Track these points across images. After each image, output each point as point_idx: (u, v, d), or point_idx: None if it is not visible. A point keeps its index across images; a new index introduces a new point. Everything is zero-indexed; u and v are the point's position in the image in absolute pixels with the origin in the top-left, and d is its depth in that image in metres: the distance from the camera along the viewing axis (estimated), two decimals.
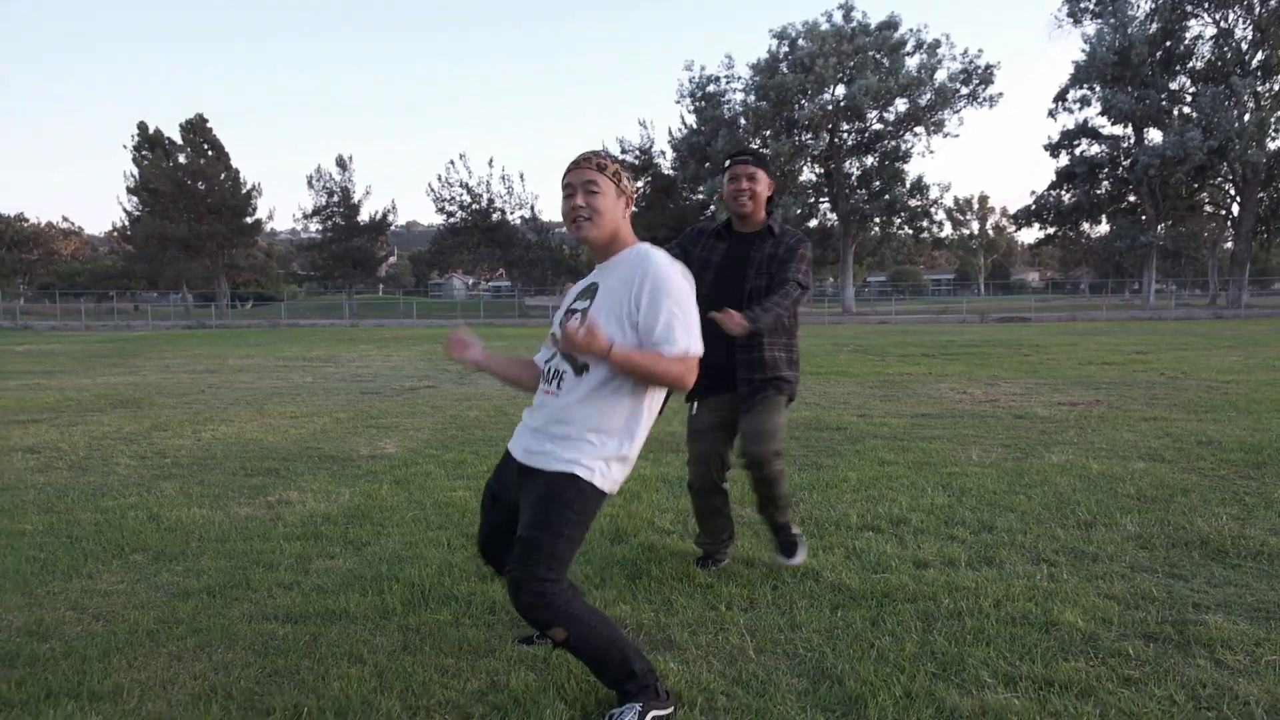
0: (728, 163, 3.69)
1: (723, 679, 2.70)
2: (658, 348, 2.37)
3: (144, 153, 55.16)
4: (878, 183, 46.81)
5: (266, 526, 4.53)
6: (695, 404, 3.68)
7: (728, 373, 3.57)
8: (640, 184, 54.02)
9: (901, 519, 4.50)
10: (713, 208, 46.88)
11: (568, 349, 2.37)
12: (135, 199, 55.39)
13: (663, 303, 2.37)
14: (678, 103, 51.14)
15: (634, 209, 2.63)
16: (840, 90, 44.85)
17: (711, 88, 48.99)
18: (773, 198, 3.73)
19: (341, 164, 57.41)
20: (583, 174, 2.47)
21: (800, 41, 44.68)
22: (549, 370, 2.55)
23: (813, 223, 50.38)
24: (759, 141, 47.31)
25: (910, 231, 49.71)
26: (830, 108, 44.68)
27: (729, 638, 3.00)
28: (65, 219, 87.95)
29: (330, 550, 4.11)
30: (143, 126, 55.69)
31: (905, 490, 5.13)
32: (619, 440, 2.44)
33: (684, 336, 2.38)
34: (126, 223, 56.53)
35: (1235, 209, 47.32)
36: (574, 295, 2.60)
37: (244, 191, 56.58)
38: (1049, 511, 4.63)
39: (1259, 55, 43.19)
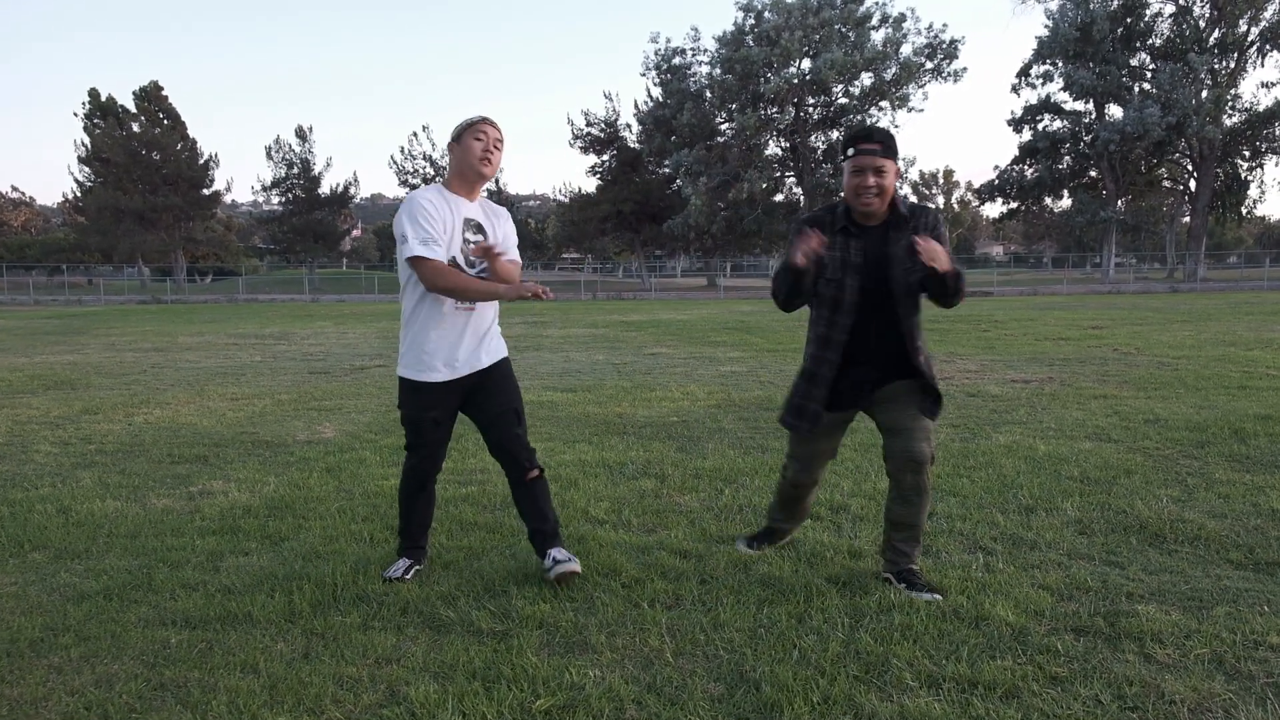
0: (850, 150, 3.06)
1: (636, 685, 2.57)
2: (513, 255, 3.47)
3: (96, 121, 53.57)
4: (843, 157, 46.70)
5: (182, 520, 4.33)
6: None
7: (868, 379, 3.26)
8: (606, 157, 53.53)
9: (841, 506, 4.40)
10: (679, 181, 46.56)
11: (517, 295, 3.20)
12: (87, 169, 53.84)
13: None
14: (643, 75, 50.79)
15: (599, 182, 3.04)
16: (806, 64, 44.61)
17: (677, 60, 48.53)
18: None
19: (301, 135, 56.38)
20: (496, 132, 3.36)
21: (766, 14, 44.33)
22: None
23: (778, 197, 50.28)
24: (724, 115, 47.03)
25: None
26: (796, 81, 44.44)
27: (648, 639, 2.88)
28: (15, 189, 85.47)
29: (245, 546, 3.93)
30: (94, 94, 54.09)
31: (849, 474, 5.04)
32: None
33: None
34: (78, 194, 54.97)
35: (1192, 184, 47.87)
36: (460, 225, 3.33)
37: (201, 162, 55.20)
38: (991, 496, 4.56)
39: (1216, 33, 43.56)
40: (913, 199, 3.85)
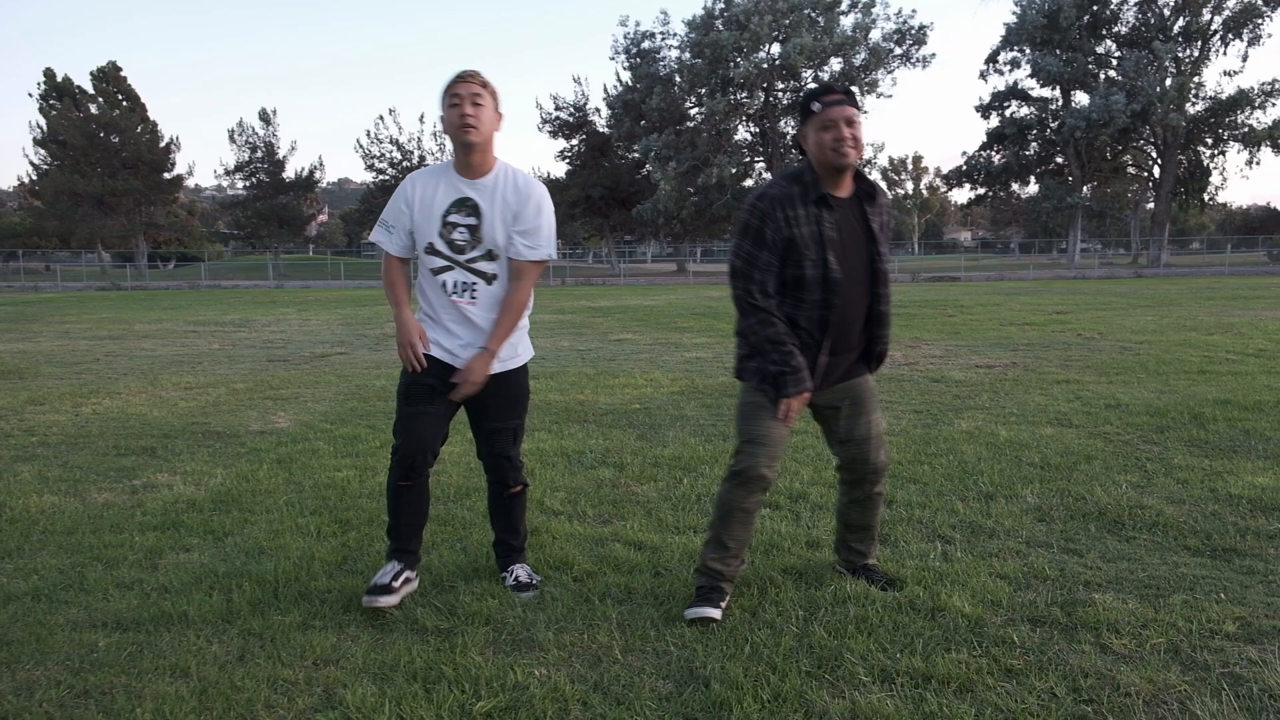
0: (815, 105, 2.79)
1: (582, 684, 2.49)
2: (539, 251, 3.01)
3: (52, 103, 52.31)
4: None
5: (123, 515, 4.18)
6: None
7: (830, 368, 2.95)
8: (575, 142, 53.17)
9: (800, 494, 4.34)
10: (648, 166, 46.34)
11: None
12: (43, 151, 52.53)
13: (548, 215, 3.03)
14: (612, 59, 50.73)
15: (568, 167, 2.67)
16: (775, 49, 44.49)
17: (647, 44, 48.27)
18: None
19: (265, 118, 55.48)
20: (470, 87, 2.89)
21: None
22: (454, 284, 2.98)
23: (748, 182, 50.20)
24: (694, 100, 46.81)
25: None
26: (765, 66, 44.32)
27: (597, 635, 2.79)
28: None
29: (187, 542, 3.80)
30: (50, 74, 52.80)
31: (809, 462, 4.98)
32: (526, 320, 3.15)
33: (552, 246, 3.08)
34: (34, 177, 53.63)
35: (1156, 171, 48.46)
36: (447, 205, 2.97)
37: (162, 145, 54.03)
38: (951, 483, 4.52)
39: (1180, 21, 43.99)
40: (878, 176, 3.64)
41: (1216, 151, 47.13)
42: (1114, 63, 45.26)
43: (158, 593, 3.20)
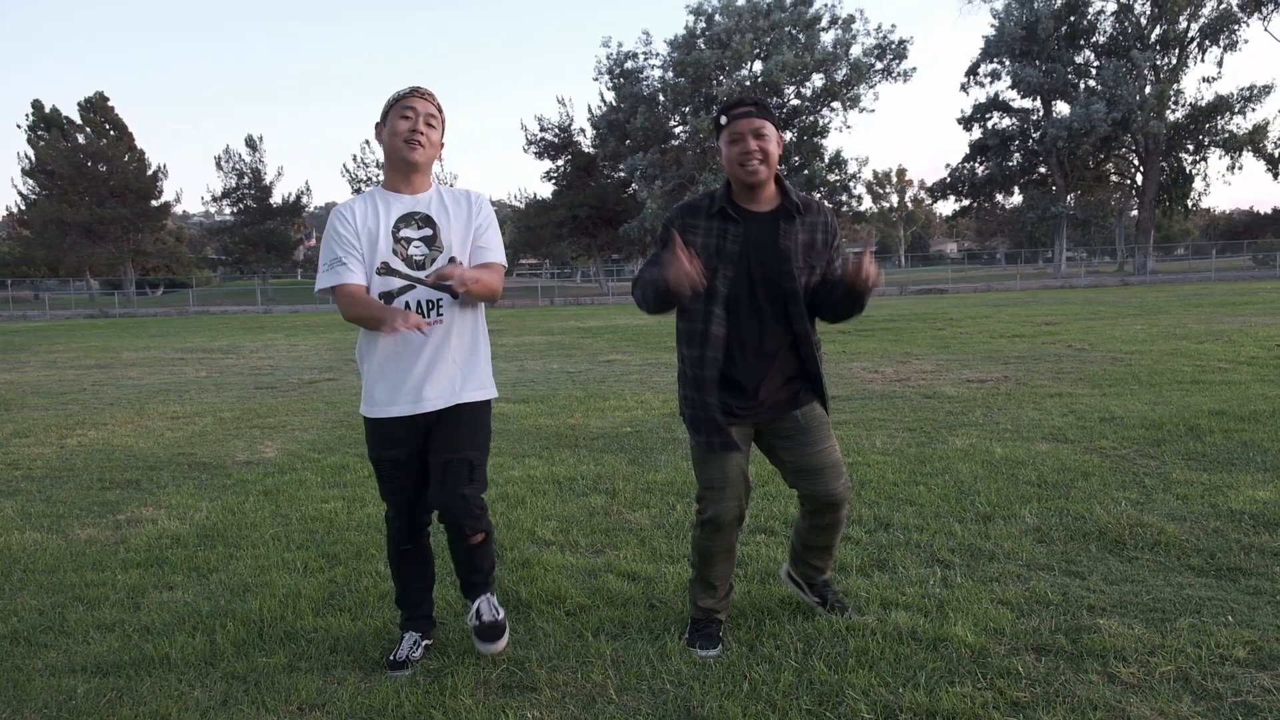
0: (723, 118, 2.75)
1: None
2: (500, 253, 2.85)
3: (40, 133, 52.35)
4: (797, 158, 46.90)
5: (106, 552, 4.09)
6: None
7: (760, 393, 2.84)
8: (561, 162, 53.25)
9: (795, 518, 4.26)
10: (634, 185, 46.45)
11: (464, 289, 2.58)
12: (31, 181, 52.54)
13: (496, 227, 2.87)
14: (596, 80, 50.74)
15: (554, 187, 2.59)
16: (757, 66, 44.73)
17: (630, 64, 48.41)
18: (782, 156, 2.83)
19: (251, 144, 55.37)
20: (427, 106, 2.73)
21: (717, 17, 44.37)
22: (416, 305, 2.69)
23: None
24: (678, 118, 47.00)
25: (830, 206, 49.90)
26: (748, 83, 44.52)
27: (591, 674, 2.72)
28: None
29: (170, 580, 3.71)
30: (38, 105, 52.90)
31: None
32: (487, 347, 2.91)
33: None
34: (22, 207, 53.57)
35: (1139, 179, 48.78)
36: (394, 222, 2.73)
37: (149, 173, 54.00)
38: (948, 504, 4.46)
39: (1157, 29, 44.41)
40: (863, 190, 3.45)
41: (1198, 157, 47.45)
42: (1093, 72, 45.61)
43: (139, 634, 3.11)
